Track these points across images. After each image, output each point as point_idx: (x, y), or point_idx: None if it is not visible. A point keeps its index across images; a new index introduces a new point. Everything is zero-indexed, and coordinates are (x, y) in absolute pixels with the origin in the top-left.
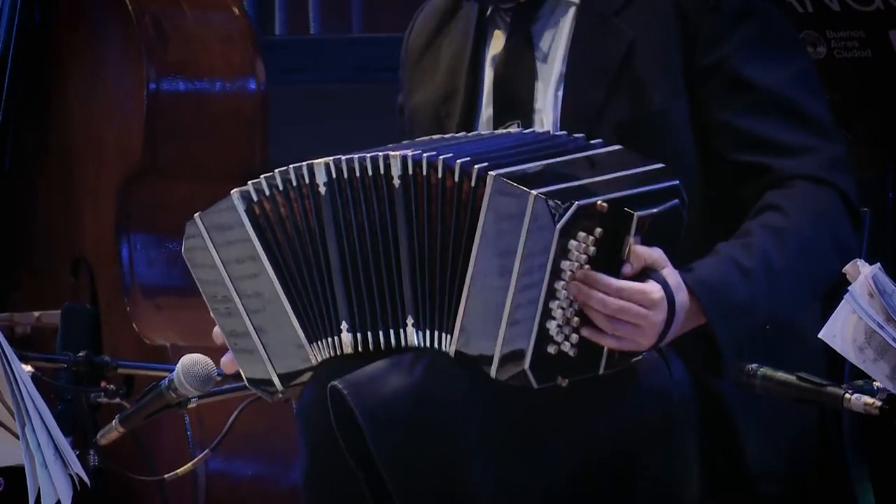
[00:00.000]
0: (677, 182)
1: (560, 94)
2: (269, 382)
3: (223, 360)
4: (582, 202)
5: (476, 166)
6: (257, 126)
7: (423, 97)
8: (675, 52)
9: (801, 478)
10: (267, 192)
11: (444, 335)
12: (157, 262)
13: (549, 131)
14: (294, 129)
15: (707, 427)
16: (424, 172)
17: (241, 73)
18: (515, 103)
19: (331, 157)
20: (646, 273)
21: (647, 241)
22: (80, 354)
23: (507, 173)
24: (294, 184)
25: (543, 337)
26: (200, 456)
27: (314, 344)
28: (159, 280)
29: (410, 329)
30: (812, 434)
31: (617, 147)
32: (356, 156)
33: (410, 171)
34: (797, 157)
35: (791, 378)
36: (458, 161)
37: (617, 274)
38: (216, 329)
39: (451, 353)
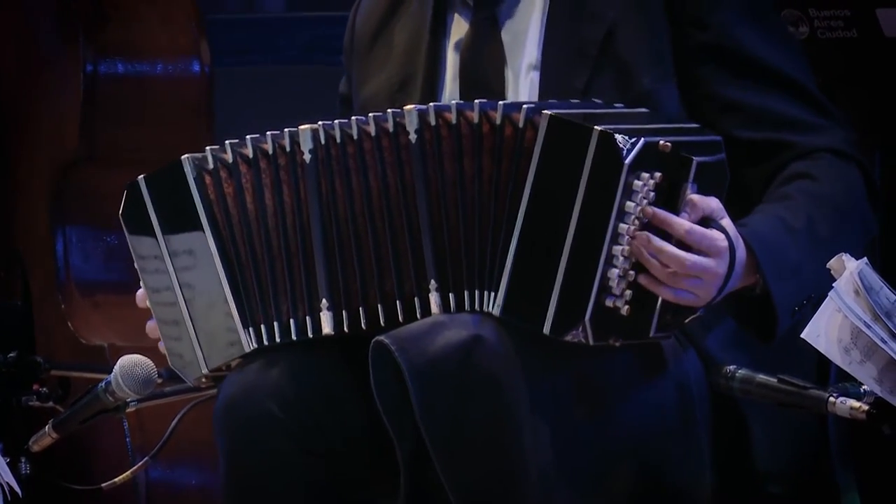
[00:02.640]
0: (720, 138)
1: (535, 77)
2: (193, 363)
3: (148, 324)
4: (648, 139)
5: (524, 106)
6: (202, 110)
7: (377, 87)
8: (662, 30)
9: (805, 480)
10: (230, 160)
11: (486, 293)
12: (94, 255)
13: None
14: (241, 113)
15: (717, 424)
16: (454, 120)
17: (184, 54)
18: (485, 89)
19: (319, 123)
20: (705, 223)
21: (698, 193)
22: (11, 355)
23: (560, 114)
24: (270, 152)
25: (604, 286)
26: (140, 464)
27: (248, 329)
28: (96, 275)
29: (434, 294)
30: (817, 434)
31: (644, 109)
32: (353, 118)
33: (433, 122)
34: (818, 133)
35: (771, 381)
36: (500, 103)
37: None
38: (150, 323)
39: (497, 312)
